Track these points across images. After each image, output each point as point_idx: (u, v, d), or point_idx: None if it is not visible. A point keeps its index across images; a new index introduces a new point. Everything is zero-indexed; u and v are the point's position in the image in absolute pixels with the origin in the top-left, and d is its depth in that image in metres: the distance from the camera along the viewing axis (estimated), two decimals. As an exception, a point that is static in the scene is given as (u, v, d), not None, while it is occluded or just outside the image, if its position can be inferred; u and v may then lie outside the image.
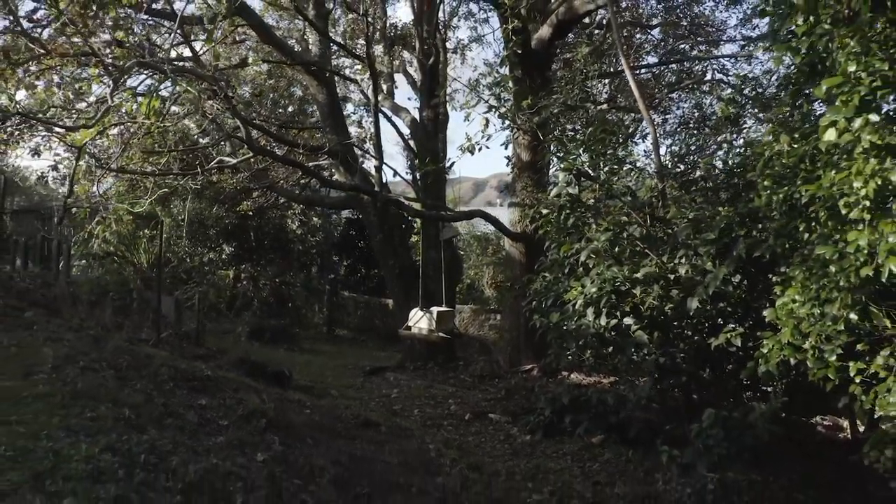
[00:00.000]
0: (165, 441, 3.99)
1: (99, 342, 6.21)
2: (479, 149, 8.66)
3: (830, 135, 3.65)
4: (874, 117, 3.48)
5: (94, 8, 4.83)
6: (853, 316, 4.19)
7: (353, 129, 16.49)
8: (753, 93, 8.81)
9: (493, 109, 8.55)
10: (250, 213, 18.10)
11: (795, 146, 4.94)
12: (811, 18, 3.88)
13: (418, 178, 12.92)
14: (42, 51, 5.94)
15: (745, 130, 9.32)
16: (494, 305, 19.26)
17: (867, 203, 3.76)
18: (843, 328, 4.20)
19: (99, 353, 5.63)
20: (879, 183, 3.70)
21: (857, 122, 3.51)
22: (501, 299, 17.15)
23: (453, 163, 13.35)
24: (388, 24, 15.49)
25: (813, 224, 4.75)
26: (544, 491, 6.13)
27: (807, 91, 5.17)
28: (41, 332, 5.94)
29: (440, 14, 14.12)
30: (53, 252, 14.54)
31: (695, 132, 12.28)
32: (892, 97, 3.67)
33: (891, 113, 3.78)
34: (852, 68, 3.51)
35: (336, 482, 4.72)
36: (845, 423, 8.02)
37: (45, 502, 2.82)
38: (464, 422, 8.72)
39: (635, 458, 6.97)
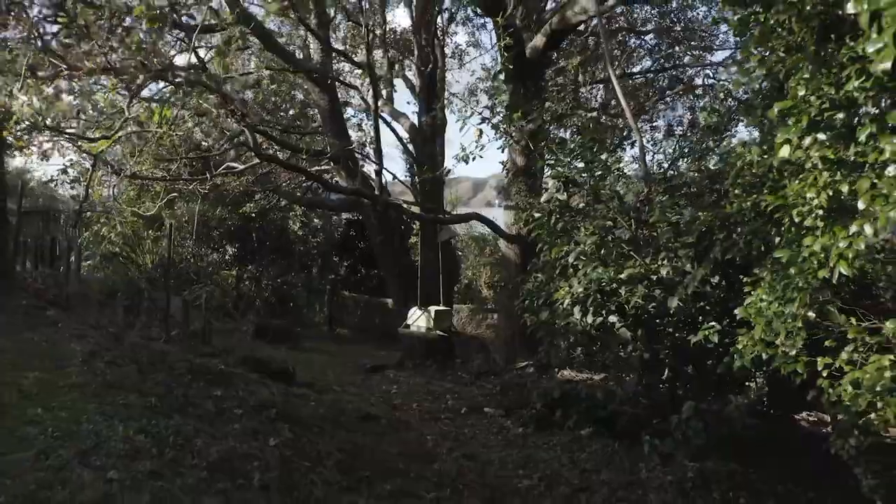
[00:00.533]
0: (188, 426, 4.42)
1: (119, 339, 6.63)
2: (473, 158, 9.10)
3: (784, 151, 4.05)
4: (822, 136, 3.90)
5: (119, 32, 5.24)
6: (811, 314, 4.59)
7: (353, 133, 16.83)
8: (746, 95, 9.09)
9: (487, 121, 8.98)
10: (253, 214, 18.45)
11: (765, 157, 5.35)
12: (766, 46, 4.30)
13: (417, 181, 13.29)
14: (64, 65, 6.34)
15: (731, 135, 9.65)
16: (491, 305, 19.58)
17: (820, 212, 4.18)
18: (801, 325, 4.60)
19: (120, 349, 6.06)
20: (831, 194, 4.12)
21: (807, 141, 3.92)
22: (498, 299, 17.52)
23: (449, 171, 13.74)
24: (387, 30, 15.84)
25: (781, 229, 5.15)
26: (534, 477, 6.48)
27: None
28: (65, 330, 6.36)
29: (438, 20, 14.48)
30: (63, 253, 14.92)
31: (683, 138, 12.64)
32: (841, 116, 4.07)
33: (841, 130, 4.19)
34: (802, 92, 3.93)
35: (340, 466, 5.14)
36: (829, 418, 8.33)
37: (93, 475, 3.25)
38: (460, 415, 9.01)
39: (622, 448, 7.20)
